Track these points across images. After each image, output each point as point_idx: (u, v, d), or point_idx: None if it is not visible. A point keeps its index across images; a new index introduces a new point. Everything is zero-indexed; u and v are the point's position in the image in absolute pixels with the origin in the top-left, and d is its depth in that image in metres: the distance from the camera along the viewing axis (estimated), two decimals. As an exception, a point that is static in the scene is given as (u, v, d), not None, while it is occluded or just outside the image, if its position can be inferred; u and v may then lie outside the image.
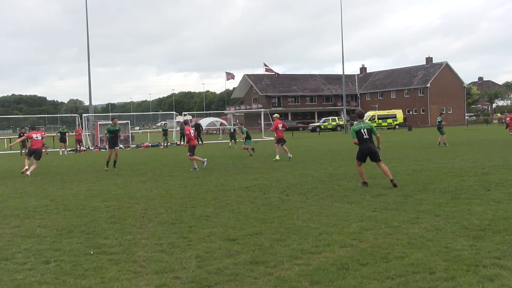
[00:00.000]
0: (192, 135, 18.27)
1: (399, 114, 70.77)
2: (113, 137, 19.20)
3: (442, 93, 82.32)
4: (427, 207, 9.10)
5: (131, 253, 6.66)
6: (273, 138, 22.16)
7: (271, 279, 5.45)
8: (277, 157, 20.39)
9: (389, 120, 69.10)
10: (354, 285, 5.19)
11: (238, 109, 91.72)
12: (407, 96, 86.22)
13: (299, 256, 6.28)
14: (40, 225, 8.69)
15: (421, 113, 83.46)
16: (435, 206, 9.16)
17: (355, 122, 12.72)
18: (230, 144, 34.89)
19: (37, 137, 18.33)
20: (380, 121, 68.45)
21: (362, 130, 12.16)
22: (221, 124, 74.36)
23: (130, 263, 6.23)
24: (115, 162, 19.07)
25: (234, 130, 33.86)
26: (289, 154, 20.49)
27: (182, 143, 40.53)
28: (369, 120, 67.99)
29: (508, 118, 27.70)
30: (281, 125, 21.31)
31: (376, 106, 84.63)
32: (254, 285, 5.31)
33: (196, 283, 5.42)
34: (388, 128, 67.43)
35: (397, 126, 68.18)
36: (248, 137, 24.60)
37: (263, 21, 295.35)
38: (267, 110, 63.55)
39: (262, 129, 54.10)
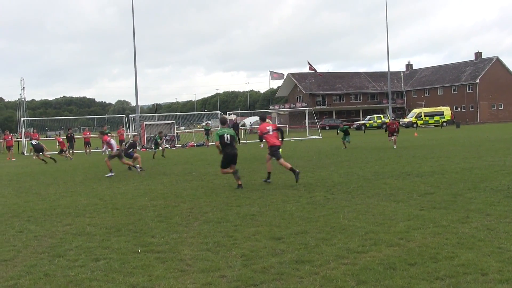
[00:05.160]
0: None
1: (447, 111, 68.92)
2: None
3: (492, 89, 79.91)
4: (478, 206, 8.84)
5: (177, 252, 6.74)
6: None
7: (317, 279, 5.41)
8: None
9: (436, 118, 67.42)
10: (402, 285, 5.08)
11: (283, 108, 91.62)
12: (455, 92, 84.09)
13: (345, 255, 6.21)
14: (90, 224, 8.91)
15: (470, 109, 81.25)
16: (486, 205, 8.88)
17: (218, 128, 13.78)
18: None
19: None
20: (427, 118, 66.95)
21: (225, 135, 12.94)
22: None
23: (177, 261, 6.30)
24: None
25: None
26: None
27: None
28: (416, 117, 66.64)
29: None
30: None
31: (423, 103, 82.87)
32: (299, 284, 5.28)
33: (241, 282, 5.43)
34: (435, 126, 65.89)
35: (444, 124, 66.50)
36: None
37: (313, 19, 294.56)
38: (311, 108, 63.29)
39: (307, 127, 53.85)
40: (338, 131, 29.28)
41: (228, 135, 12.94)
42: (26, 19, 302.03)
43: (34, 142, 27.25)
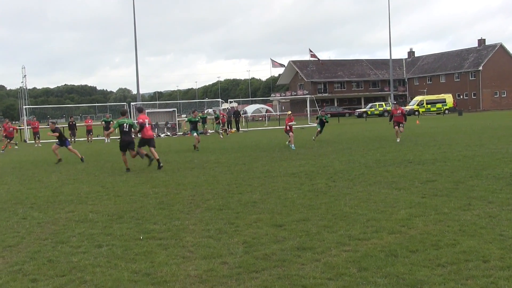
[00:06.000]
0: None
1: (449, 98, 68.58)
2: (194, 126, 23.10)
3: (495, 76, 79.52)
4: (480, 194, 8.84)
5: (179, 239, 6.77)
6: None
7: (318, 265, 5.43)
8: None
9: (438, 105, 67.16)
10: (403, 272, 5.10)
11: (284, 96, 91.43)
12: (457, 80, 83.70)
13: (347, 242, 6.23)
14: (93, 211, 8.95)
15: (473, 97, 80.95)
16: (488, 193, 8.88)
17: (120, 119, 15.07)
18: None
19: None
20: (429, 106, 66.72)
21: (124, 125, 14.87)
22: (267, 111, 74.38)
23: (179, 248, 6.33)
24: (195, 146, 22.04)
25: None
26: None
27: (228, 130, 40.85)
28: (417, 105, 66.40)
29: None
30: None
31: (425, 90, 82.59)
32: (301, 271, 5.31)
33: (243, 268, 5.45)
34: (437, 113, 65.71)
35: (446, 111, 66.26)
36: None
37: (315, 6, 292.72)
38: (313, 96, 63.17)
39: (308, 115, 53.78)
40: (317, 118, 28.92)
41: (127, 124, 14.88)
42: (28, 7, 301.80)
43: None
